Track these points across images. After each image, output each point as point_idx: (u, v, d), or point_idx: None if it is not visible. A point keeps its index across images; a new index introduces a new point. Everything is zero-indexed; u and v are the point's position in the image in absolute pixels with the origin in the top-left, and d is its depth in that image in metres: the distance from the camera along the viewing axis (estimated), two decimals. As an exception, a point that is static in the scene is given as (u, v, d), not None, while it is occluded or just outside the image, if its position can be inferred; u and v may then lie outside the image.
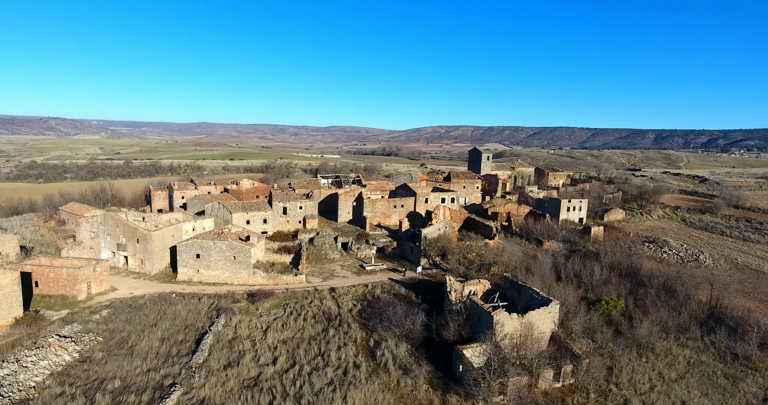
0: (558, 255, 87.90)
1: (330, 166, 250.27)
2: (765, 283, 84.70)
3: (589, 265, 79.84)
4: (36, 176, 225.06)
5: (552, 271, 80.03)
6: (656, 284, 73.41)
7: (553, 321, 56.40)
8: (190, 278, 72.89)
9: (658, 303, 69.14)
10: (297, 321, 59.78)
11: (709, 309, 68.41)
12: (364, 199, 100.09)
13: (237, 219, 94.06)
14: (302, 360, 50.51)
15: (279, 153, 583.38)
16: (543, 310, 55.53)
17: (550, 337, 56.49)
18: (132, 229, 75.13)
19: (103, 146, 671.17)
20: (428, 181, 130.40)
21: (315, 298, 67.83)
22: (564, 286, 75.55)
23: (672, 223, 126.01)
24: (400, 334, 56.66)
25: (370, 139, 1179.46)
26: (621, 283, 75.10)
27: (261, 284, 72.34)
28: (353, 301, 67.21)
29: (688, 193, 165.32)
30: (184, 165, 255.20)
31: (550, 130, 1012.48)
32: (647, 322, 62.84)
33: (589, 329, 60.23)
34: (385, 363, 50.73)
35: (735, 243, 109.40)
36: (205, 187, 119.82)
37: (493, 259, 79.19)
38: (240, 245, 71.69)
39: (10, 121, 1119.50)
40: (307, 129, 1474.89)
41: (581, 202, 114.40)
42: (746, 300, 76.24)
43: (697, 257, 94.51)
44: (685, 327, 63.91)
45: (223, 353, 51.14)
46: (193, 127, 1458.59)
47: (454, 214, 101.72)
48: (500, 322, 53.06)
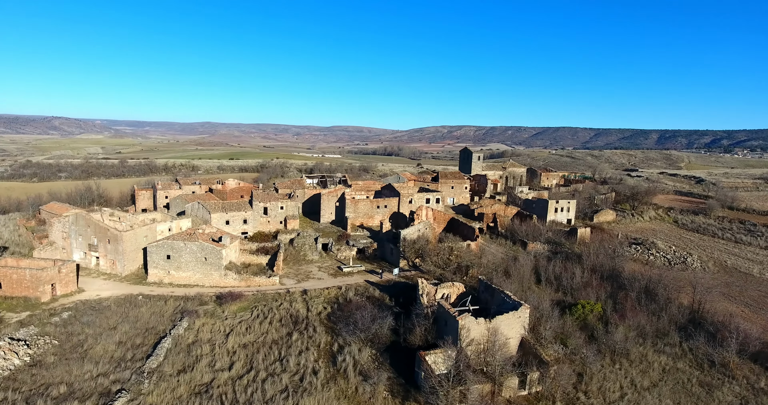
0: (540, 257, 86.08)
1: (325, 166, 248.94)
2: (753, 287, 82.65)
3: (570, 268, 78.08)
4: (30, 175, 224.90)
5: (532, 273, 78.32)
6: (637, 288, 71.57)
7: (523, 326, 54.68)
8: (161, 280, 71.58)
9: (638, 307, 67.37)
10: (262, 324, 58.34)
11: (690, 313, 66.57)
12: (346, 200, 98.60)
13: (216, 219, 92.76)
14: (260, 365, 49.08)
15: (280, 152, 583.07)
16: (512, 314, 53.85)
17: (520, 342, 54.88)
18: (103, 229, 73.94)
19: (105, 146, 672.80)
20: (416, 181, 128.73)
21: (285, 300, 66.39)
22: (543, 290, 74.03)
23: (663, 224, 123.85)
24: (365, 338, 55.14)
25: (373, 139, 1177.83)
26: (602, 287, 73.31)
27: (233, 286, 71.00)
28: (324, 303, 65.73)
29: (683, 194, 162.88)
30: (179, 164, 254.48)
31: (552, 130, 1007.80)
32: (623, 327, 61.00)
33: (562, 334, 58.49)
34: (345, 369, 49.22)
35: (726, 245, 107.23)
36: (189, 187, 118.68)
37: (472, 261, 77.46)
38: (211, 246, 70.33)
39: (14, 121, 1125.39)
40: (309, 129, 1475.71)
41: (569, 202, 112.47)
42: (731, 304, 74.30)
43: (684, 260, 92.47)
44: (664, 332, 62.05)
45: (179, 358, 49.75)
46: (196, 127, 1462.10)
47: (438, 215, 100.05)
48: (466, 326, 51.42)
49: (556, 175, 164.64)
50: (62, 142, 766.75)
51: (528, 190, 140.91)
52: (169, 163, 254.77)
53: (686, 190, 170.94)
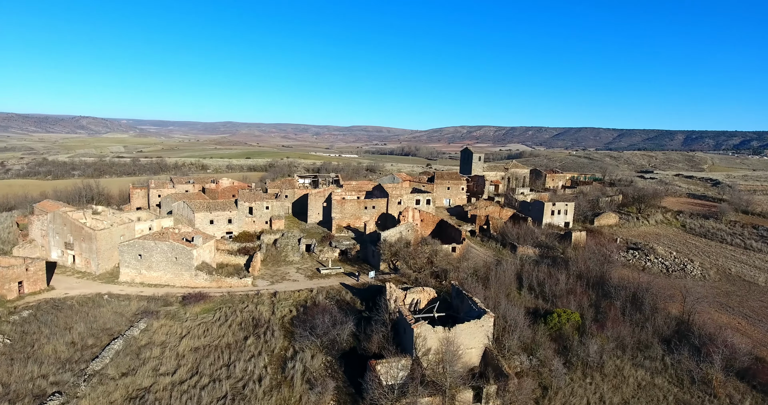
0: (528, 261, 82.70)
1: (332, 166, 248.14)
2: (755, 297, 77.54)
3: (555, 274, 74.58)
4: (45, 173, 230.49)
5: (515, 279, 75.11)
6: (623, 296, 67.67)
7: (486, 335, 51.88)
8: (133, 279, 71.05)
9: (622, 317, 63.65)
10: (221, 327, 56.99)
11: (677, 325, 62.46)
12: (332, 200, 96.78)
13: (199, 219, 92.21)
14: (205, 370, 47.63)
15: (297, 152, 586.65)
16: (474, 323, 51.12)
17: (483, 353, 52.08)
18: (78, 227, 73.87)
19: (128, 144, 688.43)
20: (411, 182, 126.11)
21: (252, 302, 64.91)
22: (523, 296, 70.77)
23: (669, 228, 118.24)
24: (321, 344, 53.18)
25: (391, 139, 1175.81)
26: (585, 294, 69.69)
27: (204, 287, 69.96)
28: (291, 306, 63.99)
29: (696, 196, 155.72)
30: (189, 163, 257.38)
31: (574, 130, 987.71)
32: (601, 338, 57.56)
33: (533, 345, 55.36)
34: (293, 376, 47.32)
35: (734, 251, 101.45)
36: (182, 186, 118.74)
37: (451, 266, 74.68)
38: (181, 246, 69.39)
39: (44, 120, 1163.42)
40: (329, 128, 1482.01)
41: (567, 205, 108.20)
42: (727, 315, 69.71)
43: (684, 266, 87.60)
44: (646, 344, 58.30)
45: (125, 360, 48.72)
46: (218, 127, 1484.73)
47: (427, 217, 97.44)
48: (421, 335, 48.95)
49: (562, 176, 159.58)
50: (88, 140, 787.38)
51: (529, 192, 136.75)
52: (179, 162, 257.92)
53: (700, 192, 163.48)
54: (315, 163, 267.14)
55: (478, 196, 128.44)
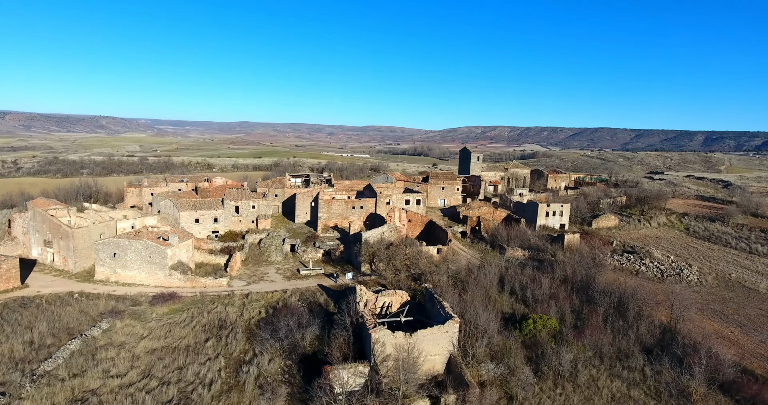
0: (514, 264, 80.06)
1: (336, 165, 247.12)
2: (753, 304, 73.68)
3: (539, 278, 71.92)
4: (54, 171, 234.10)
5: (497, 282, 72.65)
6: (607, 302, 64.75)
7: (451, 342, 49.74)
8: (108, 278, 70.59)
9: (603, 324, 60.84)
10: (184, 329, 55.90)
11: (662, 333, 59.40)
12: (319, 200, 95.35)
13: (184, 217, 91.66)
14: (157, 373, 46.49)
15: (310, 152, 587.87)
16: (437, 329, 49.04)
17: (448, 360, 49.94)
18: (56, 225, 73.75)
19: (144, 144, 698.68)
20: (405, 182, 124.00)
21: (222, 303, 63.81)
22: (504, 300, 68.29)
23: (672, 231, 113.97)
24: (282, 347, 51.66)
25: (405, 139, 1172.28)
26: (568, 299, 66.94)
27: (178, 286, 69.15)
28: (261, 308, 62.69)
29: (705, 198, 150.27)
30: (195, 162, 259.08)
31: (591, 131, 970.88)
32: (578, 346, 54.99)
33: (504, 352, 52.99)
34: (246, 381, 45.86)
35: (738, 256, 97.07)
36: (175, 185, 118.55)
37: (430, 268, 72.52)
38: (155, 245, 68.64)
39: (66, 120, 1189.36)
40: (343, 128, 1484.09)
41: (563, 206, 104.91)
42: (719, 323, 66.22)
43: (680, 271, 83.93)
44: (627, 354, 55.40)
45: (79, 361, 47.86)
46: (233, 126, 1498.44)
47: (415, 217, 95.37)
48: (380, 340, 47.06)
49: (565, 177, 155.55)
50: (106, 140, 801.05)
51: (528, 193, 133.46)
52: (185, 161, 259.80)
53: (709, 194, 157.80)
54: (320, 163, 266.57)
55: (474, 197, 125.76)
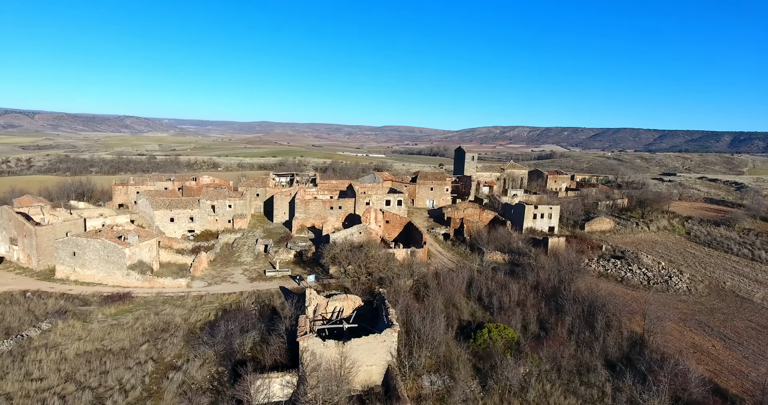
0: (487, 269, 76.38)
1: (340, 164, 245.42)
2: (743, 315, 68.52)
3: (509, 283, 68.22)
4: (64, 170, 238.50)
5: (466, 287, 69.22)
6: (576, 311, 60.76)
7: (389, 351, 46.78)
8: (67, 277, 69.86)
9: (569, 334, 57.01)
10: (125, 331, 54.35)
11: (631, 346, 55.18)
12: (296, 200, 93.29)
13: (159, 216, 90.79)
14: (80, 377, 44.86)
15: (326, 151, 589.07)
16: (374, 338, 46.18)
17: (386, 371, 47.00)
18: (20, 223, 73.45)
19: (163, 143, 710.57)
20: (393, 182, 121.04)
21: (174, 305, 62.23)
22: (471, 306, 64.79)
23: (671, 236, 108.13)
24: (217, 353, 49.54)
25: (423, 139, 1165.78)
26: (536, 307, 63.16)
27: (135, 286, 67.96)
28: (212, 311, 60.85)
29: (714, 201, 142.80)
30: (201, 161, 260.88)
31: (612, 131, 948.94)
32: (534, 359, 51.34)
33: (453, 363, 49.74)
34: (168, 388, 43.84)
35: (737, 262, 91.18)
36: (162, 183, 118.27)
37: (394, 271, 69.52)
38: (113, 245, 67.52)
39: (92, 119, 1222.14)
40: (361, 128, 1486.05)
41: (551, 208, 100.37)
42: (702, 335, 61.51)
43: (668, 278, 78.93)
44: (589, 368, 51.46)
45: (6, 362, 46.66)
46: (253, 126, 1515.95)
47: (394, 219, 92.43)
48: (308, 349, 44.42)
49: (565, 177, 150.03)
50: (128, 139, 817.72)
51: (524, 194, 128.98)
52: (192, 160, 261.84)
53: (720, 197, 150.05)
54: (326, 162, 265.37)
55: (464, 198, 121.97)
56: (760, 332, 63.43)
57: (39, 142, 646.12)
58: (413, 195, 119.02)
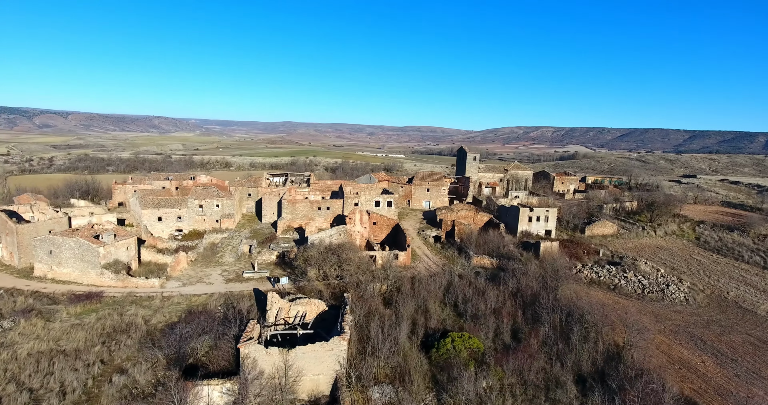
0: (470, 274, 73.35)
1: (350, 164, 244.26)
2: (742, 329, 63.73)
3: (488, 290, 65.13)
4: (83, 168, 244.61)
5: (444, 293, 66.43)
6: (554, 321, 57.35)
7: (338, 360, 44.69)
8: (45, 275, 70.26)
9: (542, 346, 53.73)
10: (84, 331, 53.81)
11: (606, 360, 51.50)
12: (283, 200, 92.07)
13: (147, 215, 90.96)
14: (25, 378, 44.31)
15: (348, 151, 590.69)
16: (320, 346, 44.19)
17: (334, 381, 44.89)
18: (3, 221, 74.30)
19: (187, 143, 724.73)
20: (390, 182, 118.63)
21: (139, 305, 61.59)
22: (442, 314, 62.01)
23: (678, 241, 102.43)
24: (167, 356, 48.36)
25: (445, 139, 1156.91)
26: (513, 315, 59.99)
27: (109, 286, 67.77)
28: (176, 312, 59.95)
29: (732, 205, 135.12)
30: (214, 160, 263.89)
31: (640, 131, 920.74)
32: (498, 372, 48.44)
33: (410, 374, 47.23)
34: (107, 392, 42.80)
35: (746, 271, 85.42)
36: (159, 182, 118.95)
37: (370, 276, 67.33)
38: (87, 244, 67.47)
39: (122, 120, 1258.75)
40: (383, 129, 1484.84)
41: (548, 211, 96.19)
42: (692, 350, 57.34)
43: (665, 287, 74.29)
44: (558, 382, 48.23)
45: (-43, 362, 46.42)
46: (277, 126, 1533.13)
47: (381, 220, 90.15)
48: (250, 356, 42.74)
49: (573, 179, 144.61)
50: (155, 139, 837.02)
51: (527, 196, 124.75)
52: (205, 160, 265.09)
53: (739, 200, 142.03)
54: (337, 162, 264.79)
55: (461, 199, 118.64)
56: (758, 348, 58.71)
57: (70, 142, 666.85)
58: (409, 196, 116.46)
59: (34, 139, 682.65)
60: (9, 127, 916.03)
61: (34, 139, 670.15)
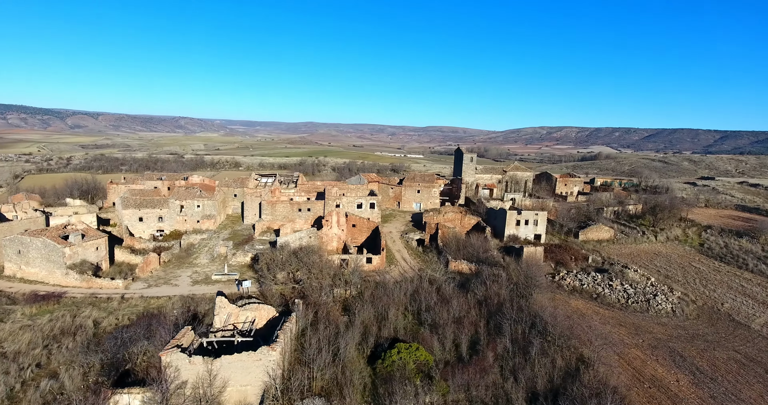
0: (440, 280, 70.32)
1: (357, 165, 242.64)
2: (730, 344, 58.92)
3: (453, 297, 62.08)
4: (97, 168, 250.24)
5: (409, 301, 63.65)
6: (514, 332, 53.93)
7: (266, 372, 42.54)
8: (14, 274, 70.64)
9: (496, 359, 50.45)
10: (30, 333, 53.25)
11: (563, 377, 47.85)
12: (262, 201, 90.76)
13: (128, 215, 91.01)
14: (-46, 382, 43.66)
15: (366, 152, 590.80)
16: (247, 356, 42.14)
17: (263, 393, 42.80)
18: (-21, 220, 75.01)
19: (208, 143, 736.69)
20: (380, 183, 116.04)
21: (97, 307, 60.91)
22: (402, 322, 59.24)
23: (679, 247, 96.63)
24: (102, 362, 47.21)
25: (466, 140, 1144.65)
26: (475, 326, 56.80)
27: (74, 286, 67.61)
28: (130, 315, 59.04)
29: (747, 209, 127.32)
30: (224, 161, 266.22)
31: (668, 132, 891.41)
32: (442, 387, 45.52)
33: (349, 388, 44.79)
34: (30, 398, 41.80)
35: (749, 281, 79.65)
36: (152, 182, 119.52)
37: (331, 281, 65.11)
38: (53, 244, 67.40)
39: (149, 120, 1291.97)
40: (404, 129, 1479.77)
41: (537, 214, 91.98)
42: (668, 367, 53.07)
43: (652, 297, 69.62)
44: (509, 400, 45.01)
45: None
46: (299, 126, 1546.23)
47: (360, 222, 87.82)
48: (172, 365, 40.99)
49: (577, 180, 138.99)
50: (178, 139, 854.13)
51: (525, 198, 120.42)
52: (214, 160, 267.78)
53: (755, 204, 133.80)
54: (346, 162, 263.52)
55: (453, 202, 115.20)
56: (743, 367, 53.98)
57: (98, 142, 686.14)
58: (399, 198, 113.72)
59: (65, 139, 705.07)
60: (43, 127, 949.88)
61: (64, 139, 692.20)
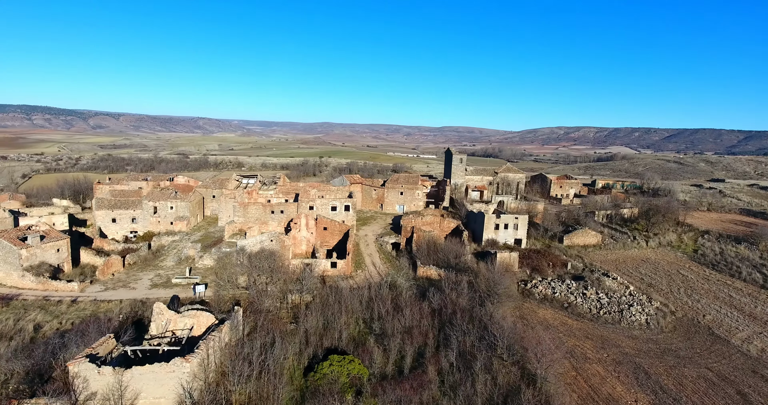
0: (402, 287, 67.48)
1: (358, 165, 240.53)
2: (703, 361, 54.77)
3: (408, 305, 59.18)
4: (103, 168, 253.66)
5: (364, 309, 61.01)
6: (462, 344, 50.81)
7: (181, 384, 40.46)
8: (-25, 275, 70.08)
9: (438, 373, 47.45)
10: (-32, 337, 52.27)
11: (506, 395, 44.60)
12: (234, 203, 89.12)
13: (100, 216, 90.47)
14: None
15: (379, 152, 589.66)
16: (160, 367, 40.15)
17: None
18: (-56, 220, 75.06)
19: (223, 143, 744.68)
20: (363, 185, 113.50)
21: (44, 310, 59.88)
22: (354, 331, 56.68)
23: (671, 253, 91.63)
24: (27, 369, 45.77)
25: (482, 140, 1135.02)
26: (425, 336, 53.84)
27: (29, 288, 67.00)
28: (75, 319, 57.80)
29: (752, 213, 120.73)
30: (227, 161, 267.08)
31: (690, 132, 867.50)
32: (372, 403, 42.74)
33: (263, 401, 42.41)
34: (-60, 407, 40.54)
35: (739, 290, 74.67)
36: (136, 183, 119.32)
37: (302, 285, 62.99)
38: (9, 245, 66.81)
39: (168, 121, 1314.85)
40: (420, 129, 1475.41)
41: (517, 218, 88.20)
42: (628, 386, 49.32)
43: (627, 307, 65.55)
44: (445, 418, 42.11)
45: None
46: (315, 127, 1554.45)
47: (332, 225, 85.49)
48: (80, 375, 39.27)
49: (574, 183, 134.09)
50: (195, 139, 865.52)
51: (516, 200, 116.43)
52: (218, 160, 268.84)
53: (762, 208, 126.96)
54: (349, 163, 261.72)
55: (437, 204, 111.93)
56: (712, 386, 49.87)
57: (116, 142, 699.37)
58: (382, 200, 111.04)
59: (86, 139, 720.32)
60: (66, 127, 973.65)
61: (85, 140, 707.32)
